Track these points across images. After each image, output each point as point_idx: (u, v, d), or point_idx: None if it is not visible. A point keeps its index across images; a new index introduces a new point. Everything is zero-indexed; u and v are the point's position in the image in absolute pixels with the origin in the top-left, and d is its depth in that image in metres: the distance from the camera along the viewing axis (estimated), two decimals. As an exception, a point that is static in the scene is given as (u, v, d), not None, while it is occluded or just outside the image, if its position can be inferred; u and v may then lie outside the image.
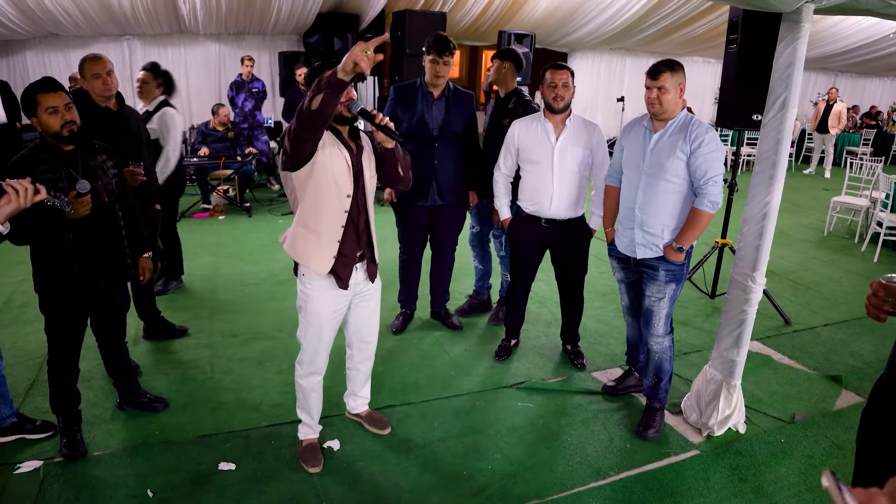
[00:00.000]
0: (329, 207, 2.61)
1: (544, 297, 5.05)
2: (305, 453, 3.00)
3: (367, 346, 3.10)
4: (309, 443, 3.05)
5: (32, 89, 2.63)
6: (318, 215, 2.63)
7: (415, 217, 4.15)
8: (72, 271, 2.76)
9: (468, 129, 4.06)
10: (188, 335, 4.26)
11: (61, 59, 8.83)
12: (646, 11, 10.81)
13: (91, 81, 3.40)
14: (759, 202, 3.04)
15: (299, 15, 9.17)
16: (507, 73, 4.16)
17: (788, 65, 2.87)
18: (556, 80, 3.48)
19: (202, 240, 6.55)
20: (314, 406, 3.02)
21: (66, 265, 2.74)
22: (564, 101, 3.51)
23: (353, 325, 2.99)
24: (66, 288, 2.77)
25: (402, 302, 4.55)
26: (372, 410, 3.33)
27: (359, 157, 2.67)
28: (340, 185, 2.60)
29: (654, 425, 3.31)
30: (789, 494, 2.89)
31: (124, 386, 3.32)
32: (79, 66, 3.45)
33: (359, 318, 2.97)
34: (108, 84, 3.43)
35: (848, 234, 7.85)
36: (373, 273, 2.87)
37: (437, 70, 3.83)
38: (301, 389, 2.96)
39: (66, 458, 2.90)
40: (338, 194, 2.60)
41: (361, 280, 2.82)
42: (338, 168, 2.58)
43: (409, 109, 3.93)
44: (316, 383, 2.96)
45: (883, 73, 16.24)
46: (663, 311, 3.17)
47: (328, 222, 2.63)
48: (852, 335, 4.69)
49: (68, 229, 2.68)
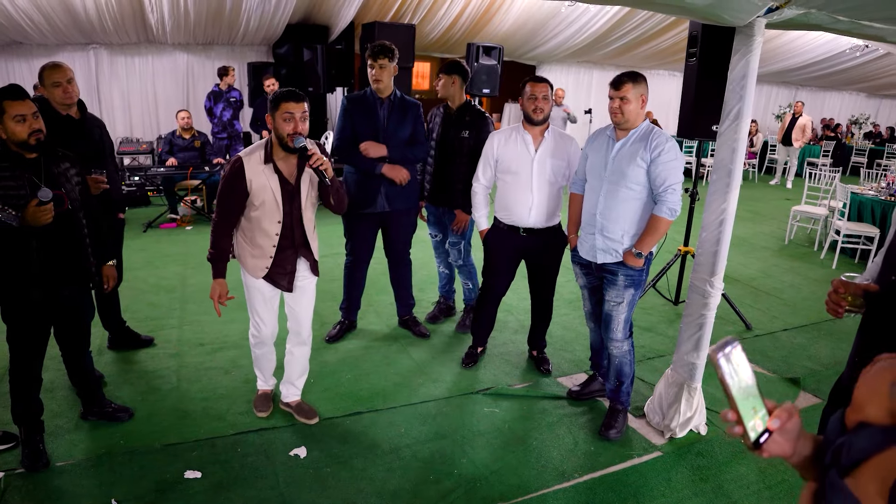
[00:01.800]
0: (262, 230, 3.01)
1: (511, 304, 5.10)
2: (258, 401, 3.50)
3: (301, 329, 3.34)
4: (262, 392, 3.53)
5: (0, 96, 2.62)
6: (253, 234, 3.03)
7: (363, 222, 4.17)
8: (35, 278, 2.74)
9: (414, 136, 4.08)
10: (154, 345, 4.22)
11: (25, 68, 8.69)
12: (611, 26, 11.03)
13: (51, 90, 3.37)
14: (717, 209, 3.13)
15: (268, 26, 9.17)
16: (456, 87, 4.24)
17: (742, 77, 2.97)
18: (537, 93, 3.55)
19: (169, 250, 6.50)
20: (265, 367, 3.48)
21: (29, 272, 2.72)
22: (544, 114, 3.57)
23: (289, 306, 3.29)
24: (29, 295, 2.75)
25: (342, 311, 4.52)
26: (301, 401, 3.50)
27: (297, 182, 3.00)
28: (271, 212, 2.97)
29: (616, 426, 3.37)
30: (749, 493, 2.96)
31: (88, 396, 3.28)
32: (38, 75, 3.42)
33: (296, 303, 3.26)
34: (68, 92, 3.40)
35: (808, 241, 8.07)
36: (314, 269, 3.23)
37: (372, 74, 3.90)
38: (253, 354, 3.44)
39: (28, 469, 2.86)
40: (269, 220, 2.98)
41: (301, 271, 3.18)
42: (269, 199, 2.94)
43: (360, 116, 3.98)
44: (264, 352, 3.40)
45: (841, 86, 16.72)
46: (622, 315, 3.24)
47: (262, 241, 3.03)
48: (810, 339, 4.82)
49: (31, 237, 2.67)
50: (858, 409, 0.91)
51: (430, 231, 4.61)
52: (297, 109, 2.82)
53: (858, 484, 0.86)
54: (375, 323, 4.75)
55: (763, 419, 1.02)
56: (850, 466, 0.88)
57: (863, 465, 0.86)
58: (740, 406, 1.00)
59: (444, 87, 4.27)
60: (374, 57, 3.86)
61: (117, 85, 9.52)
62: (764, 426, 1.02)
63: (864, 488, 0.85)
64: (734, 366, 1.00)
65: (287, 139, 2.83)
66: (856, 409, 0.92)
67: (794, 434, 1.06)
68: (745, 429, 1.01)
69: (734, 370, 1.00)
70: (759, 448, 1.02)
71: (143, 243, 6.70)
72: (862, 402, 0.90)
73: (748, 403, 1.01)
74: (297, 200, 3.01)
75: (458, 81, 4.24)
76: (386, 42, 3.90)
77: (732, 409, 1.01)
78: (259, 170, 2.90)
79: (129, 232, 4.56)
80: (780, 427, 1.03)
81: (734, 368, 1.00)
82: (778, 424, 1.03)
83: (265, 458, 3.06)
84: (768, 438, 1.02)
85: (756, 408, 1.01)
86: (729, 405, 1.01)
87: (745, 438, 1.02)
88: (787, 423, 1.04)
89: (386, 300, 5.02)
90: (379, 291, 5.27)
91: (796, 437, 1.06)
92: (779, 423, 1.03)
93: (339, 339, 4.42)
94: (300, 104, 2.84)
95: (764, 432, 1.02)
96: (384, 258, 4.46)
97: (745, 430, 1.01)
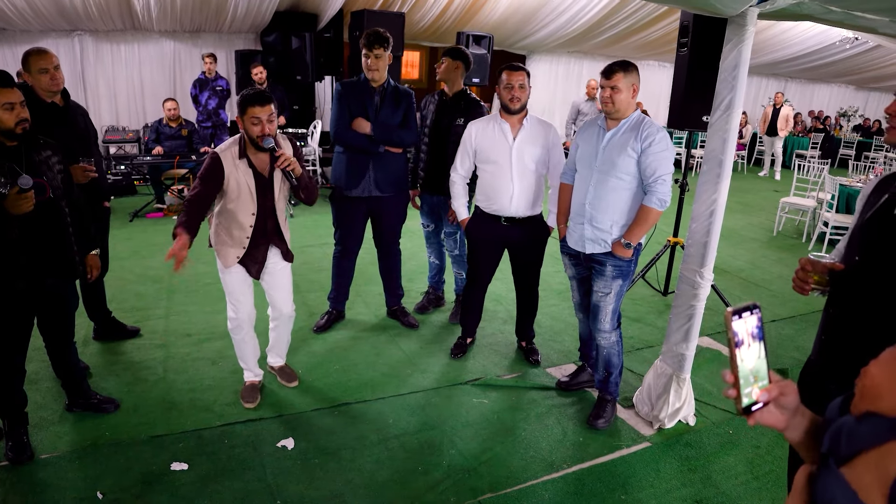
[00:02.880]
0: (237, 222, 3.16)
1: (500, 295, 5.09)
2: (245, 391, 3.52)
3: (281, 309, 3.48)
4: (249, 384, 3.56)
5: None
6: (228, 223, 3.19)
7: (352, 210, 4.14)
8: (18, 268, 2.69)
9: (404, 123, 4.05)
10: (140, 336, 4.18)
11: (8, 55, 8.54)
12: (602, 16, 10.97)
13: (37, 76, 3.30)
14: (707, 200, 3.12)
15: (256, 13, 9.06)
16: (458, 73, 4.21)
17: (734, 67, 2.95)
18: (513, 82, 3.51)
19: (156, 240, 6.43)
20: (249, 355, 3.52)
21: (11, 262, 2.67)
22: (521, 102, 3.54)
23: (267, 287, 3.44)
24: (14, 285, 2.70)
25: (330, 300, 4.50)
26: (284, 365, 3.74)
27: (270, 175, 3.16)
28: (245, 205, 3.13)
29: (605, 416, 3.38)
30: (737, 483, 2.98)
31: (73, 387, 3.24)
32: (22, 61, 3.34)
33: (270, 284, 3.42)
34: (55, 79, 3.34)
35: (796, 233, 8.10)
36: (286, 256, 3.38)
37: (367, 63, 3.87)
38: (234, 342, 3.48)
39: (12, 462, 2.83)
40: (244, 212, 3.14)
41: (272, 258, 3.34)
42: (244, 192, 3.11)
43: (353, 102, 3.95)
44: (243, 335, 3.43)
45: (831, 79, 16.76)
46: (609, 306, 3.23)
47: (237, 232, 3.18)
48: (798, 330, 4.84)
49: (12, 226, 2.62)
50: (872, 399, 0.89)
51: (423, 221, 4.59)
52: (262, 113, 2.96)
53: (855, 474, 0.85)
54: (364, 313, 4.73)
55: (761, 389, 1.02)
56: (849, 456, 0.87)
57: (862, 455, 0.85)
58: (741, 370, 1.00)
59: (447, 70, 4.23)
60: (370, 46, 3.82)
61: (103, 72, 9.37)
62: (759, 396, 1.02)
63: (860, 479, 0.84)
64: (746, 329, 1.00)
65: (257, 140, 3.00)
66: (868, 399, 0.90)
67: (790, 409, 1.06)
68: (740, 393, 1.01)
69: (744, 334, 1.00)
70: (748, 415, 1.03)
71: (129, 233, 6.63)
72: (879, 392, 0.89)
73: (750, 370, 1.01)
74: (270, 193, 3.19)
75: (460, 67, 4.20)
76: (380, 30, 3.86)
77: (732, 371, 1.01)
78: (234, 165, 3.07)
79: (115, 221, 4.51)
80: (770, 399, 1.04)
81: (745, 332, 1.00)
82: (766, 398, 1.03)
83: (252, 450, 3.04)
84: (761, 408, 1.03)
85: (758, 377, 1.01)
86: (730, 366, 1.01)
87: (736, 402, 1.02)
88: (780, 398, 1.04)
89: (374, 290, 5.00)
90: (367, 281, 5.24)
91: (793, 412, 1.07)
92: (767, 396, 1.04)
93: (327, 330, 4.40)
94: (265, 107, 2.97)
95: (756, 404, 1.02)
96: (373, 248, 4.44)
97: (740, 394, 1.01)
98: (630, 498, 2.84)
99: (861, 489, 0.83)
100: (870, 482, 0.82)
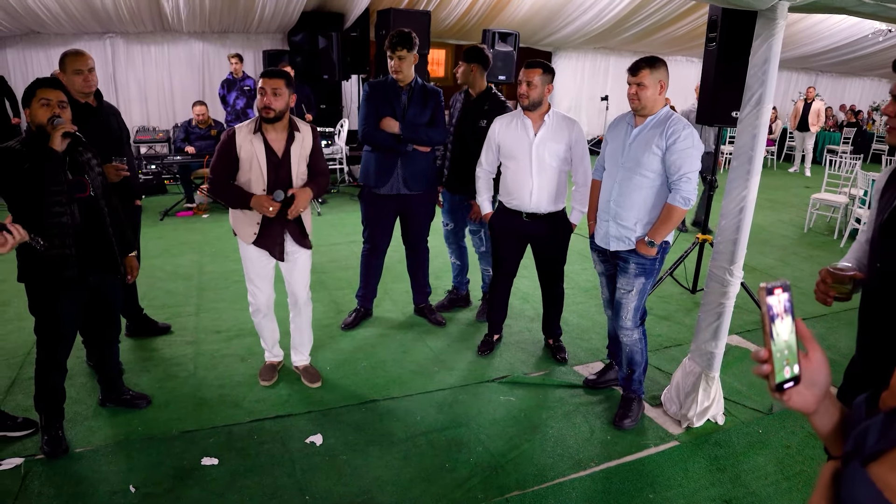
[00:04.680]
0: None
1: (527, 293, 5.08)
2: (263, 370, 3.69)
3: (297, 298, 3.56)
4: (269, 363, 3.72)
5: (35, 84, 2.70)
6: None
7: (381, 207, 4.16)
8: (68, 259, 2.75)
9: (432, 122, 4.06)
10: (171, 332, 4.25)
11: (42, 58, 8.75)
12: (629, 11, 10.89)
13: (72, 77, 3.37)
14: (737, 196, 3.08)
15: (283, 13, 9.15)
16: (475, 74, 4.21)
17: (764, 61, 2.91)
18: (522, 78, 3.52)
19: (186, 238, 6.53)
20: (268, 337, 3.66)
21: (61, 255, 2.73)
22: (529, 100, 3.52)
23: (286, 278, 3.51)
24: (64, 273, 2.75)
25: (358, 298, 4.53)
26: (308, 365, 3.74)
27: (286, 153, 3.21)
28: (256, 181, 3.18)
29: (631, 415, 3.36)
30: (766, 483, 2.94)
31: (108, 383, 3.31)
32: (59, 61, 3.42)
33: (288, 273, 3.48)
34: (88, 81, 3.41)
35: (827, 230, 7.96)
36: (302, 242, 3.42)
37: (392, 65, 3.89)
38: (255, 323, 3.63)
39: (48, 456, 2.90)
40: (255, 187, 3.19)
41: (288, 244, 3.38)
42: (255, 167, 3.17)
43: (381, 102, 3.96)
44: (261, 318, 3.58)
45: (863, 72, 16.44)
46: (632, 304, 3.21)
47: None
48: (829, 328, 4.76)
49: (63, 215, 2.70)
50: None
51: (444, 219, 4.60)
52: (267, 85, 3.08)
53: (881, 472, 0.83)
54: (391, 311, 4.76)
55: (793, 368, 1.00)
56: (876, 454, 0.85)
57: (889, 453, 0.84)
58: (775, 344, 0.99)
59: (464, 74, 4.25)
60: (393, 48, 3.83)
61: (133, 74, 9.55)
62: (792, 374, 1.00)
63: (886, 478, 0.82)
64: (779, 307, 0.98)
65: (262, 112, 3.12)
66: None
67: (820, 389, 1.03)
68: (774, 369, 0.99)
69: (779, 308, 0.98)
70: (781, 392, 1.01)
71: (160, 231, 6.74)
72: None
73: (784, 342, 0.99)
74: (284, 173, 3.22)
75: (476, 69, 4.20)
76: (404, 30, 3.86)
77: (766, 347, 0.99)
78: (248, 139, 3.16)
79: (146, 220, 4.59)
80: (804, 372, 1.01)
81: (779, 305, 0.98)
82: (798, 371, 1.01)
83: (281, 446, 3.07)
84: (793, 387, 1.01)
85: (789, 358, 1.00)
86: (763, 343, 0.99)
87: (770, 379, 1.00)
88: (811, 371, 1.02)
89: (402, 288, 5.02)
90: (395, 279, 5.26)
91: (822, 393, 1.04)
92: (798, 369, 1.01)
93: (354, 327, 4.43)
94: (272, 80, 3.09)
95: (790, 380, 1.00)
96: (401, 246, 4.46)
97: (774, 370, 0.99)
98: (658, 497, 2.82)
99: (887, 489, 0.81)
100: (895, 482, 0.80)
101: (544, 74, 3.52)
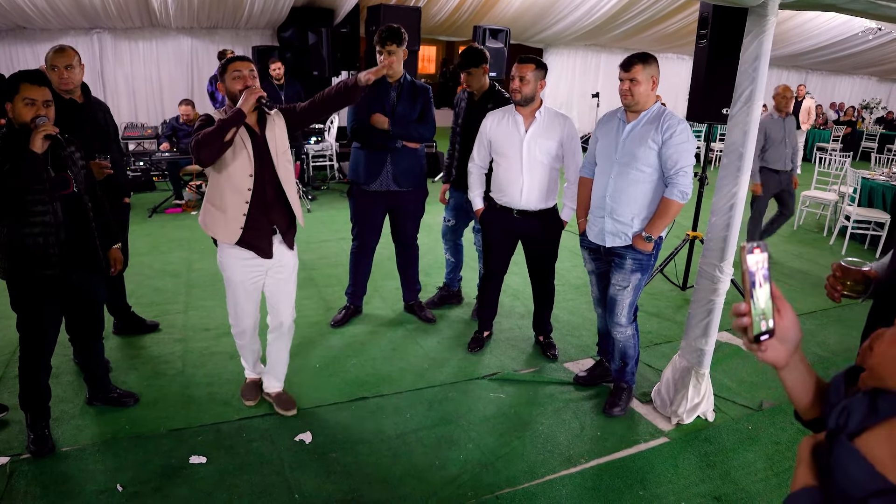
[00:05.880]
0: (230, 186, 2.90)
1: (518, 290, 5.08)
2: (245, 389, 3.47)
3: (283, 323, 3.25)
4: (250, 381, 3.49)
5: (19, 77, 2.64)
6: (222, 193, 2.92)
7: (370, 204, 4.14)
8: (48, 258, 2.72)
9: (422, 118, 4.04)
10: (159, 330, 4.22)
11: (28, 53, 8.65)
12: (620, 8, 10.90)
13: (49, 73, 3.33)
14: (727, 193, 3.08)
15: (272, 9, 9.10)
16: (475, 76, 4.16)
17: (755, 58, 2.91)
18: (515, 73, 3.51)
19: (174, 235, 6.49)
20: (249, 357, 3.43)
21: (42, 253, 2.70)
22: (521, 95, 3.51)
23: (268, 293, 3.20)
24: (44, 272, 2.73)
25: (348, 295, 4.51)
26: (282, 391, 3.41)
27: (263, 137, 2.93)
28: (241, 166, 2.88)
29: (620, 403, 3.38)
30: (756, 479, 2.94)
31: (95, 381, 3.28)
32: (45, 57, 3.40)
33: (271, 288, 3.17)
34: (63, 78, 3.33)
35: (817, 227, 8.00)
36: (289, 242, 3.12)
37: (382, 61, 3.83)
38: (236, 343, 3.39)
39: (34, 455, 2.86)
40: (240, 174, 2.89)
41: (278, 250, 3.08)
42: (238, 148, 2.84)
43: (370, 99, 3.92)
44: (245, 341, 3.32)
45: (852, 70, 16.52)
46: (627, 300, 3.21)
47: (231, 199, 2.91)
48: (819, 325, 4.78)
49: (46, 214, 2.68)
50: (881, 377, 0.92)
51: (446, 215, 4.58)
52: (244, 67, 2.90)
53: (868, 447, 0.88)
54: (381, 308, 4.74)
55: (768, 323, 1.06)
56: (859, 430, 0.90)
57: (874, 428, 0.89)
58: (754, 306, 1.05)
59: (467, 81, 4.21)
60: (382, 43, 3.80)
61: (121, 70, 9.47)
62: (768, 327, 1.06)
63: (873, 452, 0.87)
64: (758, 267, 1.04)
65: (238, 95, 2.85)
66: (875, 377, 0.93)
67: (791, 344, 1.10)
68: (753, 322, 1.05)
69: (758, 274, 1.04)
70: (758, 343, 1.06)
71: (148, 228, 6.69)
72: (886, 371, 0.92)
73: (762, 307, 1.05)
74: (267, 157, 2.93)
75: (474, 72, 4.15)
76: (394, 25, 3.83)
77: (746, 302, 1.05)
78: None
79: (134, 217, 4.54)
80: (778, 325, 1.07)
81: (758, 270, 1.04)
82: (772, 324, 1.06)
83: (270, 444, 3.05)
84: (768, 339, 1.07)
85: (765, 313, 1.06)
86: (744, 299, 1.05)
87: (748, 331, 1.06)
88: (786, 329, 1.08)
89: (392, 285, 5.00)
90: (385, 276, 5.24)
91: (793, 348, 1.11)
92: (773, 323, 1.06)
93: (344, 324, 4.41)
94: (246, 62, 2.92)
95: (765, 332, 1.06)
96: (390, 243, 4.44)
97: (753, 322, 1.05)
98: (648, 493, 2.82)
99: (875, 461, 0.85)
100: (884, 454, 0.85)
101: (537, 70, 3.51)
